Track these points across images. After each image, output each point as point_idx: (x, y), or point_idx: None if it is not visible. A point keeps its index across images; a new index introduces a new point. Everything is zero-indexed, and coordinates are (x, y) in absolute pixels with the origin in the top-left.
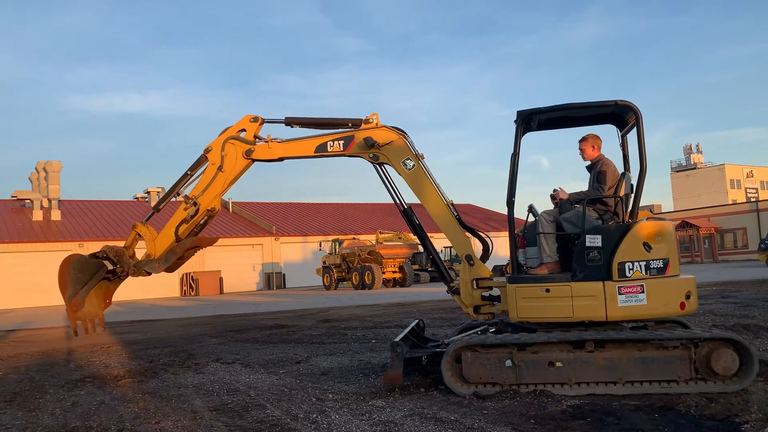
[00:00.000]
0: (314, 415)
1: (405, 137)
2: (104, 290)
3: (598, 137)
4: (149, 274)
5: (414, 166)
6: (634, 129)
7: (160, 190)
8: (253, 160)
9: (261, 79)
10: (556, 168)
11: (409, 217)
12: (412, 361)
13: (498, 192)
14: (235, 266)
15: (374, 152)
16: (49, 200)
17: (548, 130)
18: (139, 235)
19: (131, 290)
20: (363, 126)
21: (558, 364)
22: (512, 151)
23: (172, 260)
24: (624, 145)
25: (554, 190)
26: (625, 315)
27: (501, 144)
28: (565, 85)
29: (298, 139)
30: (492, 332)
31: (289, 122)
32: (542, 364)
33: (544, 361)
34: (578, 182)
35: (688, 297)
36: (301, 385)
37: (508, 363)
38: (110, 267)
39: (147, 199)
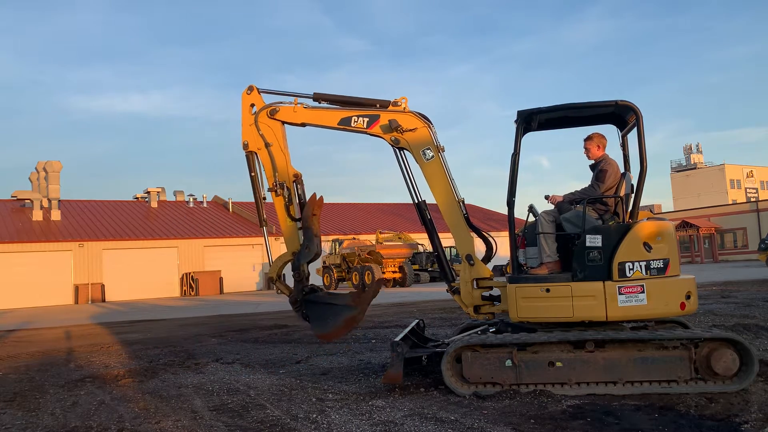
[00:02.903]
0: (314, 415)
1: (429, 127)
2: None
3: (603, 137)
4: (312, 259)
5: (433, 157)
6: (635, 129)
7: (159, 190)
8: (280, 121)
9: (262, 79)
10: (556, 168)
11: (422, 210)
12: (412, 361)
13: (498, 192)
14: (235, 266)
15: (396, 136)
16: (49, 200)
17: (548, 130)
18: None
19: (131, 290)
20: (390, 108)
21: (558, 364)
22: (512, 151)
23: (309, 236)
24: (624, 145)
25: (546, 197)
26: (625, 315)
27: (501, 144)
28: (565, 86)
29: (324, 108)
30: (492, 332)
31: (318, 98)
32: (542, 364)
33: (544, 361)
34: (578, 182)
35: (688, 297)
36: (301, 385)
37: (508, 363)
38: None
39: (147, 199)
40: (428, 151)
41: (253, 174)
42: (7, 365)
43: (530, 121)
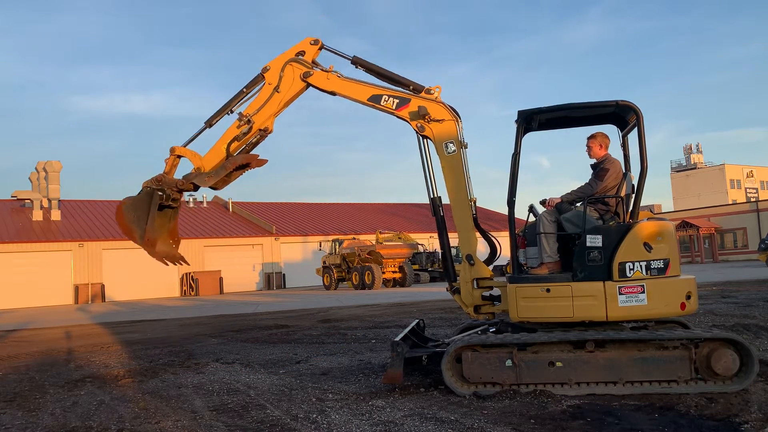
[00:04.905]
0: (314, 415)
1: (457, 121)
2: (166, 229)
3: (606, 136)
4: (197, 187)
5: (455, 151)
6: (635, 129)
7: None
8: (309, 85)
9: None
10: (556, 168)
11: (435, 206)
12: (412, 361)
13: (498, 192)
14: (235, 266)
15: (422, 123)
16: (49, 200)
17: (549, 130)
18: (178, 158)
19: (131, 290)
20: (423, 94)
21: (558, 364)
22: (513, 151)
23: (221, 175)
24: (625, 145)
25: (541, 202)
26: (625, 315)
27: (501, 144)
28: (565, 86)
29: (357, 81)
30: (492, 332)
31: (356, 62)
32: (542, 364)
33: (544, 361)
34: (578, 183)
35: (688, 297)
36: (301, 385)
37: (509, 363)
38: (160, 194)
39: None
40: (451, 144)
41: (246, 90)
42: (7, 365)
43: (530, 121)
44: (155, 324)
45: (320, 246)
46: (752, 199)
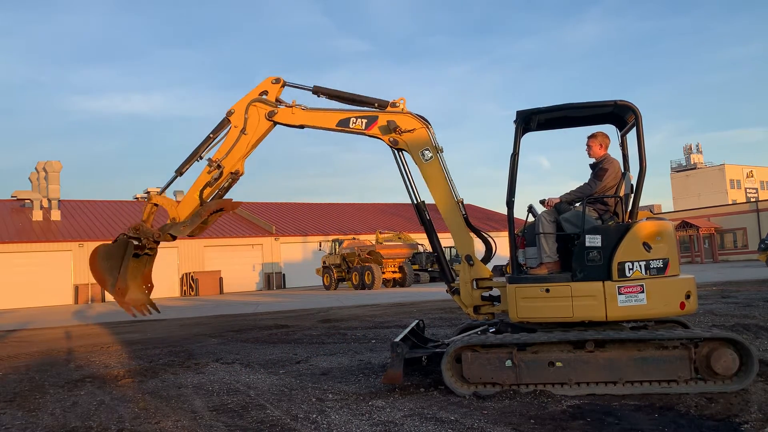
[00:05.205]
0: (314, 415)
1: (428, 127)
2: (141, 274)
3: (606, 136)
4: (174, 238)
5: (432, 157)
6: (634, 129)
7: (160, 190)
8: (275, 123)
9: (263, 79)
10: (556, 168)
11: (421, 211)
12: (412, 361)
13: (498, 192)
14: (235, 266)
15: (394, 137)
16: (49, 200)
17: (548, 130)
18: (155, 206)
19: None
20: (389, 109)
21: (558, 364)
22: (512, 151)
23: (197, 223)
24: (624, 145)
25: (540, 202)
26: (625, 315)
27: (501, 144)
28: (565, 86)
29: (323, 110)
30: (492, 332)
31: (317, 91)
32: (542, 364)
33: (544, 361)
34: (577, 183)
35: (688, 297)
36: (301, 385)
37: (508, 363)
38: (136, 243)
39: (147, 199)
40: (427, 152)
41: (212, 135)
42: (7, 365)
43: (530, 121)
44: (155, 324)
45: (320, 246)
46: (752, 199)
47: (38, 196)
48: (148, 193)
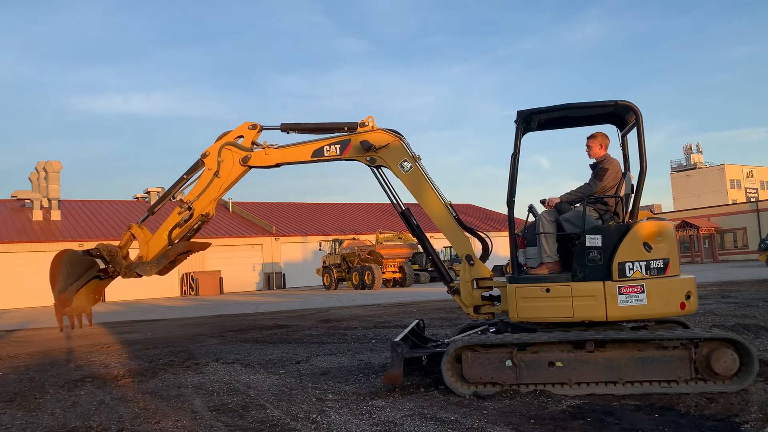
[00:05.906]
0: (314, 415)
1: (401, 139)
2: (95, 286)
3: (606, 136)
4: (140, 276)
5: (411, 167)
6: (635, 129)
7: (160, 190)
8: (251, 167)
9: (263, 80)
10: (556, 168)
11: (407, 218)
12: (412, 361)
13: (498, 192)
14: (235, 266)
15: (371, 155)
16: (49, 200)
17: (548, 130)
18: (133, 236)
19: (131, 290)
20: (359, 129)
21: (558, 364)
22: (512, 151)
23: (163, 263)
24: (624, 145)
25: (540, 202)
26: (625, 315)
27: (501, 144)
28: (565, 86)
29: (295, 145)
30: (492, 332)
31: (285, 128)
32: (542, 364)
33: (544, 361)
34: (577, 183)
35: (688, 297)
36: (301, 385)
37: (508, 363)
38: (102, 266)
39: (147, 199)
40: (405, 163)
41: (186, 176)
42: (7, 365)
43: (530, 121)
44: (155, 324)
45: (320, 246)
46: (752, 199)
47: (38, 196)
48: (148, 193)
